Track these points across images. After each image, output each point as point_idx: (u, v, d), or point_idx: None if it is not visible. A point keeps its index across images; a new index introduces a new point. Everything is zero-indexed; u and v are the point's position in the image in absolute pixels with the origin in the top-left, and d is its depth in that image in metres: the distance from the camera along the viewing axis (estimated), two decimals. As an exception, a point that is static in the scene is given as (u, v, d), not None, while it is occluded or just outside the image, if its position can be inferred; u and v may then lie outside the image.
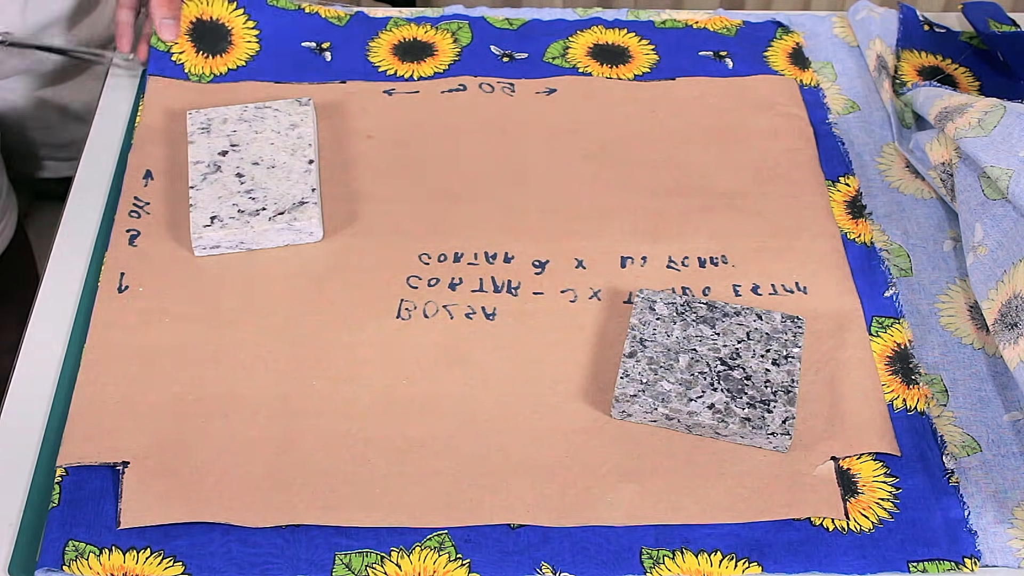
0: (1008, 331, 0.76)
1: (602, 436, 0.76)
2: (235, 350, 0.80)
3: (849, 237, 0.89)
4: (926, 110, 0.92)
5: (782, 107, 0.98)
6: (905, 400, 0.79)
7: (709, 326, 0.79)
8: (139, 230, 0.87)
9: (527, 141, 0.95)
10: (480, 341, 0.81)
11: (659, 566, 0.71)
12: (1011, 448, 0.77)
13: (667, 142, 0.95)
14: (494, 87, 0.99)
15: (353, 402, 0.78)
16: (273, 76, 0.99)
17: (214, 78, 0.98)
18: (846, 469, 0.75)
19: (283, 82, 0.99)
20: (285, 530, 0.72)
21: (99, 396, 0.77)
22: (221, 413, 0.77)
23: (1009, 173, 0.81)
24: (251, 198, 0.86)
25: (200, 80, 0.98)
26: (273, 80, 0.99)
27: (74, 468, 0.74)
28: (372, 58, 1.01)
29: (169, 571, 0.70)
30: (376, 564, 0.71)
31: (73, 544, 0.70)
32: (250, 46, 1.01)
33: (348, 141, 0.94)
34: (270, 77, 0.99)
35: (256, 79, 0.99)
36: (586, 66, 1.02)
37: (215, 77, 0.99)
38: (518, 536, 0.72)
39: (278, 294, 0.84)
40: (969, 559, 0.71)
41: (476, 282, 0.85)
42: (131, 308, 0.82)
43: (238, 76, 0.99)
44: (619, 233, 0.88)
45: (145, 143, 0.93)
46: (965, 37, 1.05)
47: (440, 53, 1.02)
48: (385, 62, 1.01)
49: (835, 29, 1.07)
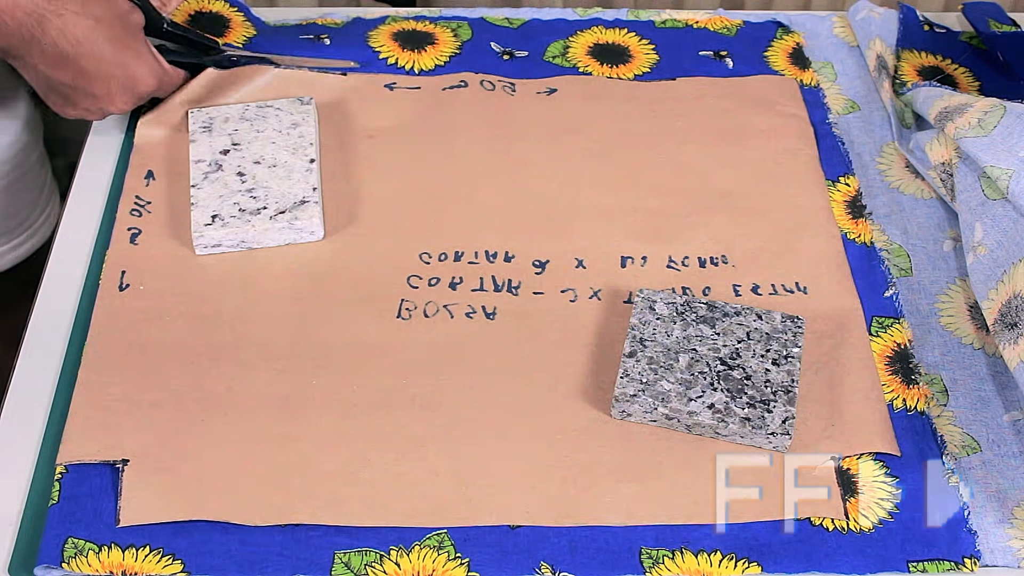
0: (1008, 331, 0.76)
1: (602, 436, 0.76)
2: (235, 349, 0.80)
3: (849, 237, 0.89)
4: (926, 110, 0.92)
5: (782, 107, 0.98)
6: (905, 400, 0.79)
7: (709, 326, 0.79)
8: (140, 228, 0.87)
9: (527, 140, 0.95)
10: (480, 340, 0.81)
11: (659, 566, 0.71)
12: (1011, 448, 0.77)
13: (667, 142, 0.95)
14: (495, 85, 0.99)
15: (353, 401, 0.78)
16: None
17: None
18: (846, 469, 0.75)
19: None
20: (285, 529, 0.72)
21: (99, 394, 0.77)
22: (221, 412, 0.77)
23: (1009, 173, 0.81)
24: (252, 197, 0.86)
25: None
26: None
27: (74, 466, 0.74)
28: (372, 43, 1.01)
29: (168, 569, 0.70)
30: (375, 563, 0.71)
31: (72, 541, 0.70)
32: (248, 30, 1.01)
33: (350, 140, 0.94)
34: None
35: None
36: (586, 65, 1.02)
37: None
38: (517, 536, 0.72)
39: (279, 293, 0.84)
40: (969, 559, 0.71)
41: (476, 281, 0.85)
42: (132, 306, 0.82)
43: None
44: (619, 233, 0.88)
45: (147, 142, 0.93)
46: (965, 37, 1.05)
47: (440, 44, 1.02)
48: (386, 48, 1.01)
49: (835, 29, 1.07)
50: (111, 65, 0.86)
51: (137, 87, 0.89)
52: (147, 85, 0.90)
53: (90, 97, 0.88)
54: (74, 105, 0.89)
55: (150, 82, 0.90)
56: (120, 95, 0.89)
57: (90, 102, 0.89)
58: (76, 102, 0.89)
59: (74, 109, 0.90)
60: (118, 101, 0.89)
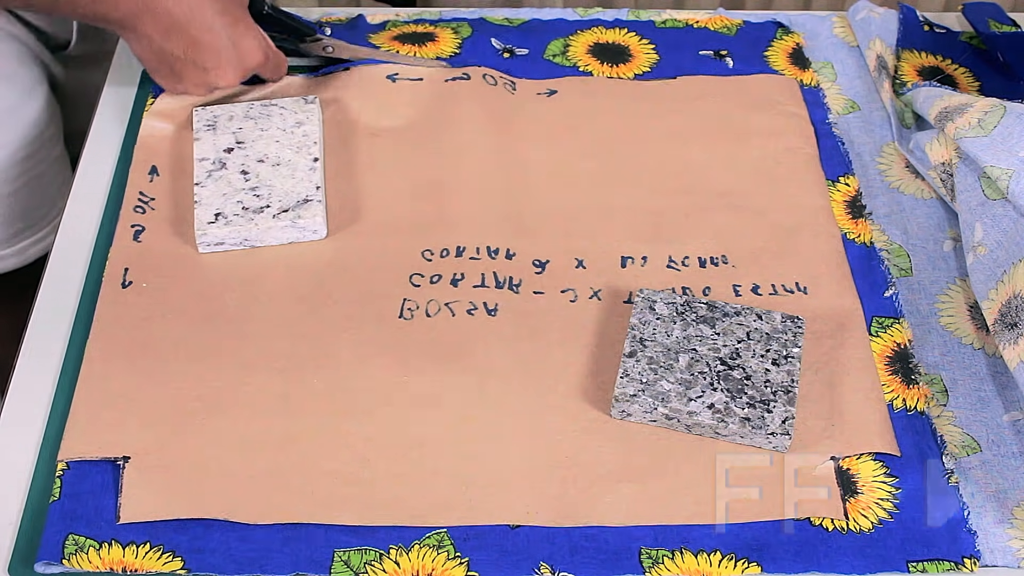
0: (1008, 331, 0.76)
1: (602, 436, 0.76)
2: (237, 347, 0.80)
3: (849, 237, 0.89)
4: (926, 110, 0.92)
5: (783, 106, 0.99)
6: (905, 400, 0.79)
7: (709, 326, 0.79)
8: (144, 226, 0.87)
9: (528, 140, 0.95)
10: (482, 338, 0.81)
11: (658, 566, 0.71)
12: (1011, 448, 0.77)
13: (668, 142, 0.95)
14: (497, 80, 0.99)
15: (354, 400, 0.78)
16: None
17: None
18: (846, 469, 0.75)
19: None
20: (285, 527, 0.72)
21: (101, 391, 0.77)
22: (222, 410, 0.77)
23: (1009, 173, 0.81)
24: (256, 195, 0.87)
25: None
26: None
27: (75, 462, 0.74)
28: (375, 41, 1.02)
29: (168, 566, 0.70)
30: (375, 562, 0.71)
31: (73, 538, 0.70)
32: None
33: (353, 139, 0.94)
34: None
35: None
36: (587, 64, 1.02)
37: None
38: (517, 535, 0.72)
39: (281, 291, 0.84)
40: (969, 559, 0.72)
41: (478, 277, 0.85)
42: (134, 304, 0.82)
43: None
44: (619, 233, 0.88)
45: (151, 139, 0.93)
46: (965, 37, 1.05)
47: (441, 41, 1.03)
48: (386, 45, 1.02)
49: (835, 29, 1.07)
50: (221, 37, 0.87)
51: (245, 61, 0.90)
52: (255, 59, 0.90)
53: (200, 70, 0.89)
54: (182, 79, 0.90)
55: (258, 56, 0.91)
56: (229, 68, 0.89)
57: (199, 75, 0.89)
58: (185, 75, 0.90)
59: (181, 84, 0.91)
60: (226, 74, 0.90)
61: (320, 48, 1.00)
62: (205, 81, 0.90)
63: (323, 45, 0.99)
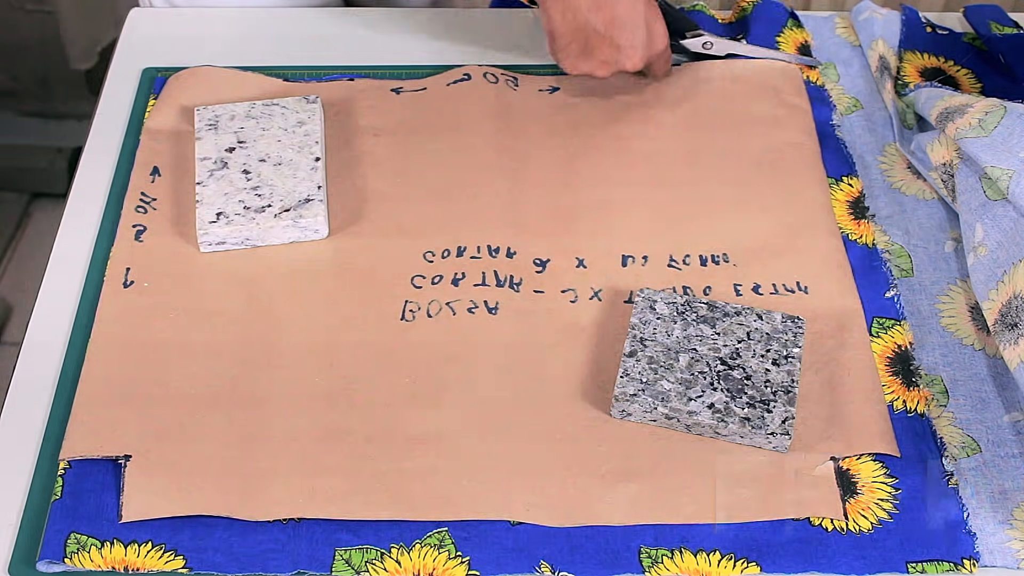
0: (1008, 331, 0.76)
1: (602, 435, 0.76)
2: (238, 346, 0.80)
3: (851, 238, 0.89)
4: (928, 111, 0.92)
5: (786, 95, 0.98)
6: (905, 402, 0.79)
7: (709, 326, 0.79)
8: (145, 225, 0.87)
9: (529, 137, 0.95)
10: (482, 337, 0.81)
11: (658, 565, 0.71)
12: (1011, 449, 0.77)
13: (669, 136, 0.95)
14: (498, 77, 0.99)
15: (354, 398, 0.78)
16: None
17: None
18: (846, 469, 0.75)
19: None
20: (286, 525, 0.72)
21: (102, 390, 0.77)
22: (223, 408, 0.77)
23: (1009, 173, 0.81)
24: (257, 195, 0.87)
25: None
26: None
27: (77, 461, 0.74)
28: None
29: (170, 564, 0.70)
30: (376, 560, 0.71)
31: (75, 537, 0.71)
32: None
33: (355, 139, 0.94)
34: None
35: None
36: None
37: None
38: (517, 534, 0.72)
39: (282, 291, 0.84)
40: (968, 560, 0.72)
41: (479, 276, 0.85)
42: (136, 303, 0.83)
43: None
44: (620, 231, 0.88)
45: (153, 139, 0.93)
46: (967, 38, 1.05)
47: None
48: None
49: (837, 29, 1.07)
50: (641, 16, 0.88)
51: (654, 43, 0.90)
52: (661, 44, 0.91)
53: (613, 48, 0.88)
54: (590, 56, 0.89)
55: (663, 42, 0.92)
56: (640, 49, 0.89)
57: (610, 53, 0.89)
58: (595, 52, 0.89)
59: (587, 62, 0.90)
60: (636, 55, 0.90)
61: (700, 44, 0.99)
62: (615, 59, 0.90)
63: (703, 41, 0.99)
